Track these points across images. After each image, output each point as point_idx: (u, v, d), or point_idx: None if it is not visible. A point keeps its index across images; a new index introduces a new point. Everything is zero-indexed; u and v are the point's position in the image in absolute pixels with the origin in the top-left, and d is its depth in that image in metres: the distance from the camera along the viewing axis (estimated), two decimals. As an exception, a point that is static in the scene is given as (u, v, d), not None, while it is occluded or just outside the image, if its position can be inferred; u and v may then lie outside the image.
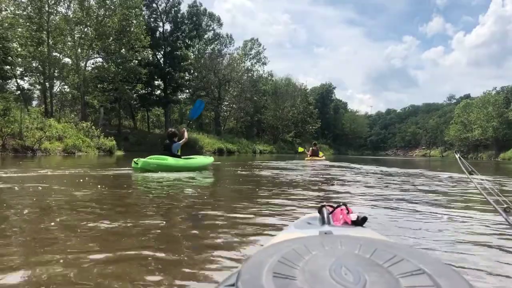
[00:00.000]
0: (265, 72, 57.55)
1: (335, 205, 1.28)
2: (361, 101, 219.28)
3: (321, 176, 9.25)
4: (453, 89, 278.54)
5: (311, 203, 4.26)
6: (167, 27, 40.08)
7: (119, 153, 22.81)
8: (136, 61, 32.91)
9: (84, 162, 13.68)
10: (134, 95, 36.29)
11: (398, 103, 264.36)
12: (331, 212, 1.24)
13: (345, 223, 1.17)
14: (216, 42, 50.02)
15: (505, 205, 1.79)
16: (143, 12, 35.65)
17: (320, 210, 1.25)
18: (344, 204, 1.27)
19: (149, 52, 36.29)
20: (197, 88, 43.34)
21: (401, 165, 18.60)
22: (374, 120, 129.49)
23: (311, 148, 19.73)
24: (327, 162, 17.58)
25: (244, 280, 0.57)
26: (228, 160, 20.40)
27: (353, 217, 1.18)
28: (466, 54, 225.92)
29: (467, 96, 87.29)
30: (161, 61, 38.53)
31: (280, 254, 0.65)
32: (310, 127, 62.74)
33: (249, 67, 53.71)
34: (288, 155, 42.82)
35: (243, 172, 9.98)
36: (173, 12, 39.51)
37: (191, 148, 32.86)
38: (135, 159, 7.99)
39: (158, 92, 39.65)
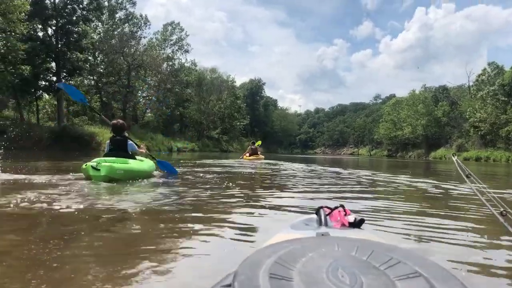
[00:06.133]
0: (187, 61, 51.39)
1: (332, 207, 1.27)
2: (292, 101, 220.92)
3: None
4: (378, 90, 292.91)
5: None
6: (60, -5, 32.47)
7: None
8: (18, 35, 25.69)
9: None
10: (16, 80, 28.45)
11: (327, 103, 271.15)
12: (329, 214, 1.23)
13: (343, 225, 1.16)
14: (130, 23, 43.09)
15: (501, 209, 1.82)
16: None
17: (317, 212, 1.23)
18: (342, 205, 1.26)
19: (37, 23, 28.95)
20: (104, 74, 36.27)
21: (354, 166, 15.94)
22: (303, 119, 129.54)
23: (249, 147, 18.87)
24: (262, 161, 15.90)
25: (241, 280, 0.56)
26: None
27: (351, 218, 1.18)
28: (392, 57, 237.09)
29: (393, 96, 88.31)
30: (52, 37, 30.97)
31: (277, 255, 0.64)
32: (238, 123, 57.81)
33: (170, 55, 47.24)
34: (212, 153, 37.61)
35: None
36: (67, -23, 32.02)
37: (87, 145, 26.53)
38: (91, 164, 5.31)
39: (54, 77, 31.84)
